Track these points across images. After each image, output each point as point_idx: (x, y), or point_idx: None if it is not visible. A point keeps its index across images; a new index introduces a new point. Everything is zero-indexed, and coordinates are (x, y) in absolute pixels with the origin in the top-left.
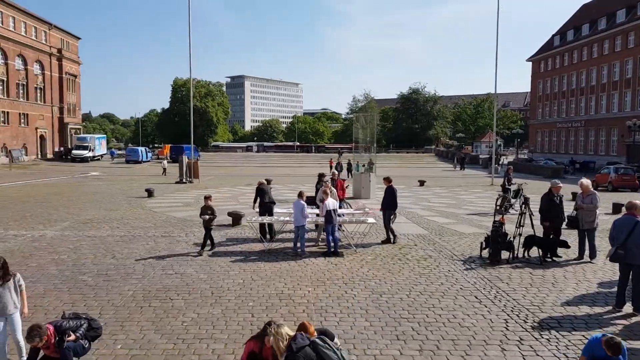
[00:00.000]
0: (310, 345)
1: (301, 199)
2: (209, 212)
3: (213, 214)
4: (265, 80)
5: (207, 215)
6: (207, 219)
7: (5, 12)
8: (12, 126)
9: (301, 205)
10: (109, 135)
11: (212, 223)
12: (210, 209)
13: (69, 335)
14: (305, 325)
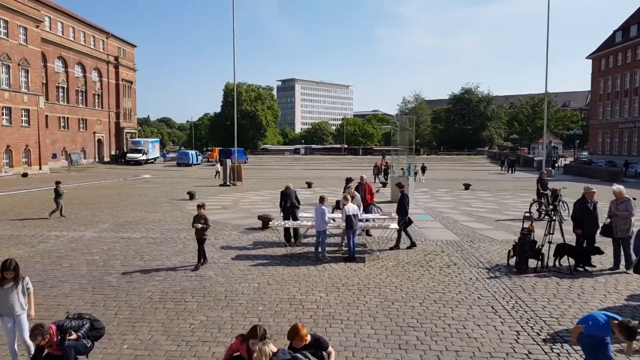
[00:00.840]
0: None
1: (322, 204)
2: (202, 221)
3: (206, 224)
4: (316, 82)
5: (200, 224)
6: (199, 227)
7: (66, 23)
8: (72, 131)
9: (322, 210)
10: (166, 139)
11: (205, 233)
12: (203, 219)
13: (70, 335)
14: (297, 329)
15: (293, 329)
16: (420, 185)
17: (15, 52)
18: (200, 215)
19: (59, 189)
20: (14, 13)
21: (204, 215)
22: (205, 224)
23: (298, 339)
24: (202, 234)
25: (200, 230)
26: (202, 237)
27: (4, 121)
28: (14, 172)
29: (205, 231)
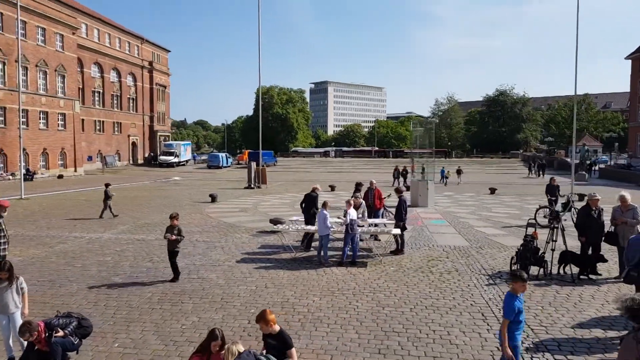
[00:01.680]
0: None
1: (325, 209)
2: (175, 232)
3: (180, 235)
4: (348, 85)
5: (173, 235)
6: (172, 238)
7: (102, 30)
8: (107, 134)
9: (324, 215)
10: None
11: (178, 245)
12: (177, 230)
13: (57, 332)
14: (264, 312)
15: (261, 313)
16: (448, 188)
17: (52, 58)
18: (174, 226)
19: (108, 191)
20: (51, 21)
21: (177, 226)
22: (179, 235)
23: (263, 322)
24: (175, 246)
25: (173, 242)
26: (174, 249)
27: (41, 125)
28: (49, 173)
29: (178, 243)
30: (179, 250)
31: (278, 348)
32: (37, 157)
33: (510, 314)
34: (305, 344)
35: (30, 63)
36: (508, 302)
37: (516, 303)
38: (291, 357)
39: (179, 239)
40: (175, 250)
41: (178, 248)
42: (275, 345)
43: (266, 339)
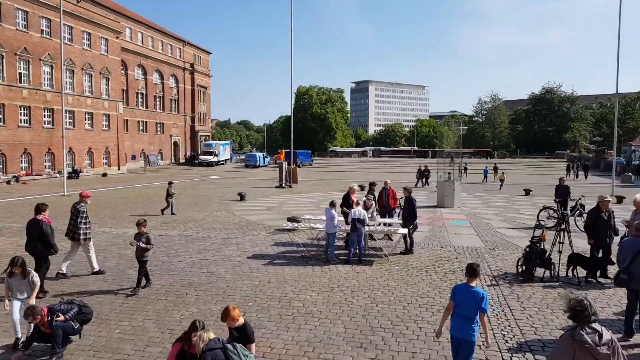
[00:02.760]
0: (221, 349)
1: (332, 208)
2: (144, 240)
3: (149, 243)
4: (390, 84)
5: (142, 243)
6: (142, 246)
7: (145, 33)
8: (150, 134)
9: (331, 214)
10: (244, 141)
11: (146, 254)
12: (145, 237)
13: (58, 316)
14: (228, 310)
15: (224, 310)
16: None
17: (97, 61)
18: (142, 234)
19: (170, 189)
20: (96, 26)
21: (146, 233)
22: (148, 243)
23: (229, 319)
24: (143, 255)
25: (142, 251)
26: (142, 258)
27: (86, 125)
28: (94, 172)
29: (147, 252)
30: (147, 259)
31: (241, 340)
32: (83, 156)
33: (452, 296)
34: (292, 336)
35: (77, 66)
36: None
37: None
38: (250, 349)
39: (148, 247)
40: (144, 259)
41: (146, 257)
42: (239, 338)
43: (231, 330)
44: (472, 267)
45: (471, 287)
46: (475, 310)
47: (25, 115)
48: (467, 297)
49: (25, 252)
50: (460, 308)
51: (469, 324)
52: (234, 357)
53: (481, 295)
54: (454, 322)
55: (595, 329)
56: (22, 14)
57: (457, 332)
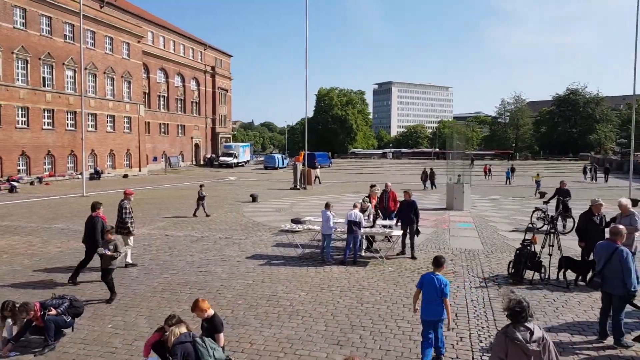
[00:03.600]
0: (191, 342)
1: (328, 209)
2: (111, 248)
3: (116, 250)
4: (413, 85)
5: (109, 250)
6: (108, 254)
7: (167, 37)
8: (171, 136)
9: (327, 216)
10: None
11: (112, 263)
12: (113, 245)
13: (49, 311)
14: (197, 302)
15: (194, 303)
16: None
17: (119, 65)
18: (109, 241)
19: (201, 192)
20: (118, 31)
21: (113, 240)
22: (115, 251)
23: (198, 310)
24: (109, 263)
25: (107, 259)
26: (108, 266)
27: (108, 128)
28: (115, 173)
29: (113, 260)
30: (113, 268)
31: (210, 330)
32: (105, 157)
33: (419, 284)
34: (273, 333)
35: (99, 70)
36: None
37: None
38: (218, 340)
39: (116, 255)
40: (110, 267)
41: (113, 265)
42: (208, 328)
43: (203, 322)
44: (437, 258)
45: (436, 276)
46: (439, 295)
47: (49, 118)
48: (432, 284)
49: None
50: (427, 294)
51: (435, 306)
52: (202, 349)
53: (444, 283)
54: (423, 306)
55: (527, 327)
56: (46, 19)
57: (426, 315)
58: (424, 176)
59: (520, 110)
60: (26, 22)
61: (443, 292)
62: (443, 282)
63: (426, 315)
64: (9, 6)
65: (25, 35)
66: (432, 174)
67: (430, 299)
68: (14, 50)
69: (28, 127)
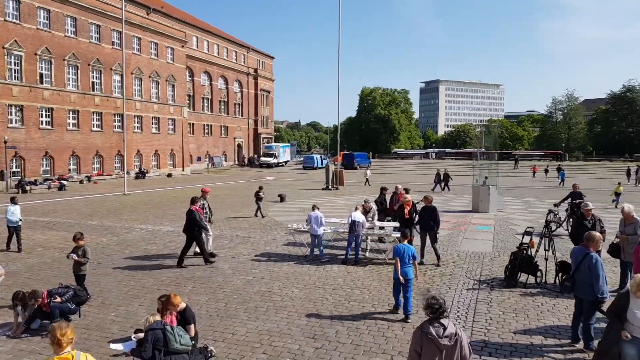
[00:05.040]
0: (161, 329)
1: (316, 210)
2: (80, 253)
3: (85, 256)
4: (462, 83)
5: (75, 256)
6: (76, 258)
7: (211, 41)
8: (214, 137)
9: (316, 216)
10: (312, 142)
11: (82, 268)
12: (82, 251)
13: (55, 298)
14: (169, 297)
15: (167, 298)
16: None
17: (164, 69)
18: (79, 247)
19: (260, 193)
20: (163, 36)
21: (83, 246)
22: (84, 257)
23: (170, 305)
24: (79, 269)
25: (77, 265)
26: (78, 272)
27: (153, 129)
28: (160, 172)
29: (83, 266)
30: (85, 274)
31: (182, 322)
32: (150, 157)
33: (397, 254)
34: (257, 325)
35: (144, 74)
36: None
37: (400, 247)
38: (189, 331)
39: (84, 261)
40: (81, 274)
41: (83, 271)
42: (181, 320)
43: (176, 314)
44: (403, 232)
45: (406, 245)
46: (410, 259)
47: (98, 121)
48: (404, 251)
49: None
50: (402, 258)
51: (406, 268)
52: (169, 336)
53: (412, 250)
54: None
55: (442, 324)
56: (95, 27)
57: (400, 273)
58: (437, 178)
59: (573, 109)
60: (76, 30)
61: (413, 256)
62: (412, 249)
63: (399, 274)
64: (61, 16)
65: (75, 43)
66: (447, 176)
67: (403, 262)
68: (65, 57)
69: (78, 129)
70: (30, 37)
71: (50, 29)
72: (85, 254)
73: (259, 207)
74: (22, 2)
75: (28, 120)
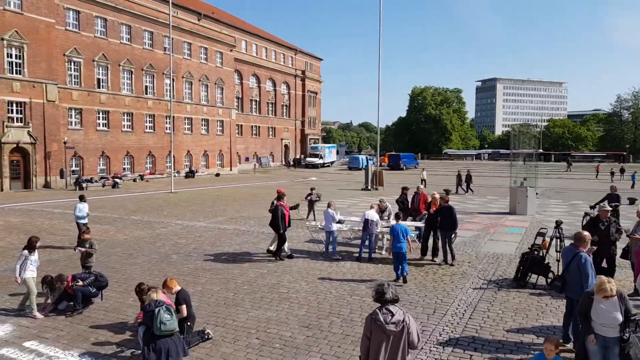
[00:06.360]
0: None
1: (329, 208)
2: (87, 245)
3: (92, 247)
4: (521, 81)
5: (84, 248)
6: (83, 251)
7: (259, 45)
8: (262, 137)
9: (329, 213)
10: (364, 143)
11: (89, 260)
12: (88, 243)
13: (77, 282)
14: (166, 281)
15: (164, 281)
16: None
17: (213, 73)
18: (85, 240)
19: (313, 196)
20: (212, 41)
21: (89, 239)
22: (91, 248)
23: (166, 287)
24: (86, 260)
25: (84, 256)
26: (85, 264)
27: (202, 130)
28: (209, 172)
29: (89, 257)
30: (91, 265)
31: (176, 303)
32: (199, 157)
33: (392, 233)
34: (258, 314)
35: (194, 78)
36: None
37: (395, 226)
38: (181, 311)
39: (91, 252)
40: (88, 265)
41: (90, 262)
42: (175, 301)
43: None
44: (397, 214)
45: (399, 225)
46: (404, 235)
47: (150, 122)
48: (399, 231)
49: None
50: (396, 237)
51: (401, 243)
52: (155, 321)
53: (404, 228)
54: (394, 244)
55: (389, 311)
56: (148, 34)
57: (395, 249)
58: (458, 180)
59: (638, 109)
60: (131, 37)
61: (406, 232)
62: (404, 227)
63: (395, 249)
64: (117, 24)
65: (130, 49)
66: (469, 177)
67: (398, 239)
68: (121, 62)
69: (132, 131)
70: (89, 45)
71: (107, 36)
72: (92, 246)
73: (312, 210)
74: (81, 12)
75: (86, 122)
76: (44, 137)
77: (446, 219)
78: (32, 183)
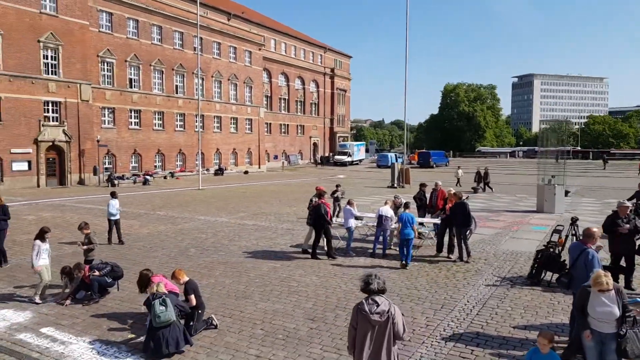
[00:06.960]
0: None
1: (349, 205)
2: (86, 241)
3: (90, 242)
4: (559, 76)
5: (84, 244)
6: (84, 248)
7: (288, 43)
8: (291, 135)
9: (347, 211)
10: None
11: (90, 254)
12: (87, 239)
13: (94, 272)
14: (175, 271)
15: (172, 272)
16: None
17: (242, 72)
18: (85, 235)
19: (338, 194)
20: (241, 40)
21: (88, 234)
22: (90, 244)
23: (174, 278)
24: (87, 255)
25: (85, 252)
26: (87, 258)
27: (231, 129)
28: (237, 169)
29: (90, 252)
30: (93, 259)
31: (185, 293)
32: (228, 155)
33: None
34: (265, 306)
35: (224, 77)
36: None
37: (402, 215)
38: (190, 301)
39: (91, 247)
40: (89, 259)
41: (91, 257)
42: (184, 292)
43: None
44: (406, 203)
45: (406, 214)
46: (410, 223)
47: (180, 121)
48: (406, 218)
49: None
50: (404, 224)
51: (408, 229)
52: (152, 308)
53: (411, 216)
54: (401, 230)
55: (375, 301)
56: (179, 34)
57: (402, 235)
58: (477, 177)
59: None
60: (162, 38)
61: (412, 220)
62: (411, 216)
63: (402, 236)
64: (148, 25)
65: (160, 50)
66: (487, 175)
67: (405, 226)
68: (152, 62)
69: (163, 129)
70: (121, 45)
71: (138, 37)
72: (90, 240)
73: (337, 208)
74: (113, 14)
75: (119, 121)
76: (78, 135)
77: (459, 215)
78: (67, 180)
